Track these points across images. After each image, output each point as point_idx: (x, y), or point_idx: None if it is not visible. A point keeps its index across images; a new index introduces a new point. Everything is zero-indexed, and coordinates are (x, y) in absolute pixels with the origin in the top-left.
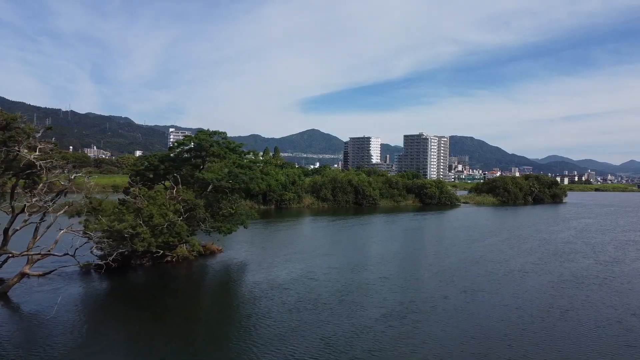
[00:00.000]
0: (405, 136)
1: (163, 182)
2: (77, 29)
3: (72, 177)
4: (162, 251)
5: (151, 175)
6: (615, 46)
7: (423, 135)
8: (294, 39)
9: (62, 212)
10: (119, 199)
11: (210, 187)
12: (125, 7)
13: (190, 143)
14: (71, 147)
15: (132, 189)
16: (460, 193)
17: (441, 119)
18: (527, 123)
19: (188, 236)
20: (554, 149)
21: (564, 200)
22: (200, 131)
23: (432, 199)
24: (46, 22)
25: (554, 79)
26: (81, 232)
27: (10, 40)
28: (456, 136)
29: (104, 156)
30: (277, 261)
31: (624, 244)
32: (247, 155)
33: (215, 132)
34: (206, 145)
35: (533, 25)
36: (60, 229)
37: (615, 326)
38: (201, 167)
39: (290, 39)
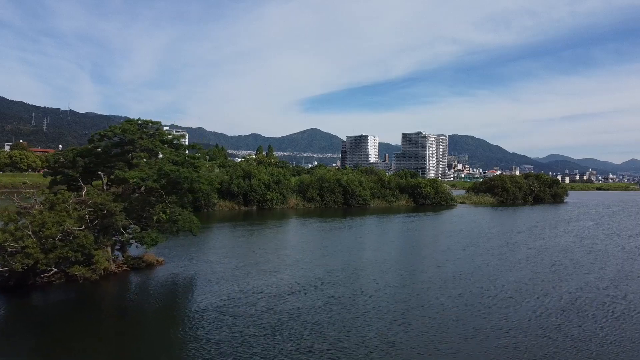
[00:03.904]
0: (403, 134)
1: (91, 182)
2: (77, 29)
3: None
4: (53, 269)
5: (75, 174)
6: (615, 46)
7: (421, 133)
8: (294, 38)
9: None
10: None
11: (142, 188)
12: (125, 7)
13: (114, 135)
14: (60, 146)
15: (25, 191)
16: (458, 193)
17: (442, 119)
18: (528, 122)
19: (95, 249)
20: (555, 148)
21: (564, 200)
22: (127, 120)
23: (427, 199)
24: (46, 22)
25: (555, 79)
26: None
27: (11, 40)
28: (457, 135)
29: None
30: (215, 279)
31: (631, 253)
32: (187, 150)
33: (147, 122)
34: (133, 138)
35: (533, 25)
36: None
37: None
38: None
39: (291, 38)
